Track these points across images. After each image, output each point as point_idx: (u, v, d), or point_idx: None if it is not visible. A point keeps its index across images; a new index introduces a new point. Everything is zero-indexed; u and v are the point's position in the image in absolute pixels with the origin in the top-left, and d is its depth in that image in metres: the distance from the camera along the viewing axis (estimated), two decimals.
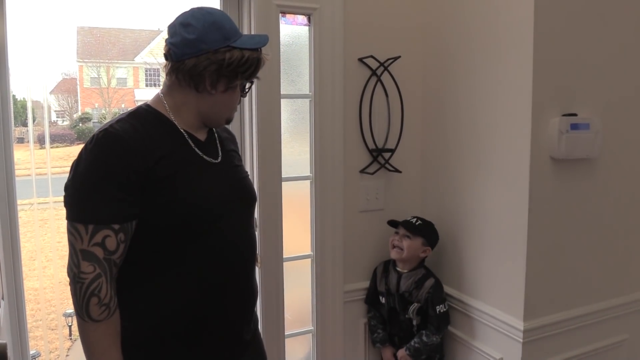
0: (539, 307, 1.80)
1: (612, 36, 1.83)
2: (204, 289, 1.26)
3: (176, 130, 1.26)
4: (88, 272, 1.10)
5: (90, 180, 1.12)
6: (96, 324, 1.12)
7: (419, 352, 2.00)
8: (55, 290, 6.58)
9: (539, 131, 1.72)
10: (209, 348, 1.29)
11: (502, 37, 1.80)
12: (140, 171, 1.13)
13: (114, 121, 1.19)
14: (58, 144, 20.40)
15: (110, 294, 1.13)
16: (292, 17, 1.97)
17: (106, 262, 1.12)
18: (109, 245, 1.12)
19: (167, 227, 1.20)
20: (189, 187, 1.21)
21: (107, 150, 1.13)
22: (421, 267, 2.07)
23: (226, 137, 1.44)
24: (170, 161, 1.19)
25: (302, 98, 2.04)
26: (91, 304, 1.11)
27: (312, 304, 2.12)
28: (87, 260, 1.10)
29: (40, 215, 9.37)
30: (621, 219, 1.97)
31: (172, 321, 1.24)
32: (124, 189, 1.12)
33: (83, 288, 1.10)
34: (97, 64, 23.44)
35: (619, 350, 2.02)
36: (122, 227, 1.13)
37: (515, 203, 1.77)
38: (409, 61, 2.15)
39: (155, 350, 1.24)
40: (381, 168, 2.14)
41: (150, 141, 1.18)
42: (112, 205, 1.11)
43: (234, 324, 1.34)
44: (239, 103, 1.37)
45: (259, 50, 1.28)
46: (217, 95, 1.26)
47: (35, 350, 4.38)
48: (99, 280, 1.11)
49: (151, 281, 1.22)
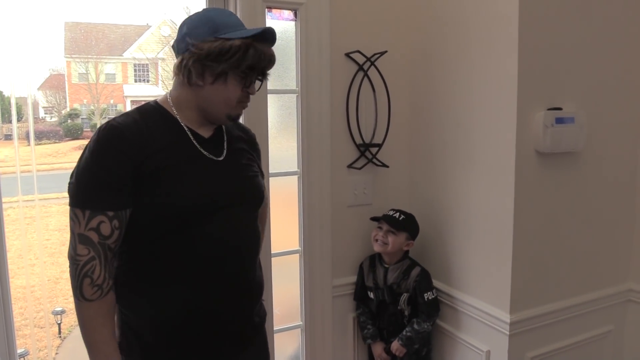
0: (525, 300, 1.82)
1: (597, 31, 1.85)
2: (192, 286, 1.27)
3: (177, 126, 1.30)
4: (83, 255, 1.18)
5: (88, 169, 1.19)
6: (89, 303, 1.20)
7: (411, 340, 2.02)
8: (43, 288, 6.54)
9: (525, 125, 1.73)
10: (202, 344, 1.31)
11: (487, 32, 1.81)
12: (133, 162, 1.19)
13: (120, 115, 1.26)
14: (46, 140, 20.24)
15: (103, 276, 1.20)
16: (278, 12, 1.97)
17: (100, 246, 1.19)
18: (103, 230, 1.19)
19: (154, 219, 1.24)
20: (176, 181, 1.24)
21: (105, 142, 1.20)
22: (406, 259, 2.09)
23: (238, 136, 1.45)
24: (163, 155, 1.23)
25: (289, 93, 2.03)
26: (84, 284, 1.18)
27: (300, 299, 2.12)
28: (83, 244, 1.18)
29: (28, 212, 9.30)
30: (605, 212, 1.99)
31: (165, 317, 1.27)
32: (117, 179, 1.19)
33: (78, 269, 1.18)
34: (85, 59, 23.21)
35: (604, 341, 2.05)
36: (115, 214, 1.20)
37: (501, 196, 1.79)
38: (396, 56, 2.16)
39: (153, 344, 1.29)
40: (368, 163, 2.15)
41: (148, 134, 1.23)
42: (106, 193, 1.18)
43: (230, 322, 1.35)
44: (244, 100, 1.32)
45: (250, 39, 1.25)
46: (206, 88, 1.27)
47: (24, 349, 4.35)
48: (92, 262, 1.19)
49: (147, 275, 1.27)
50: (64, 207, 11.09)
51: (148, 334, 1.28)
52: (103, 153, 1.19)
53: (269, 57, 1.30)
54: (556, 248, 1.88)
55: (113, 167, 1.18)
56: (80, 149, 6.61)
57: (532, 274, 1.82)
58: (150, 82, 23.36)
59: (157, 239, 1.25)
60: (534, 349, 1.86)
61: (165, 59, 22.06)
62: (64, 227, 9.66)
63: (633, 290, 2.07)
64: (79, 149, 19.15)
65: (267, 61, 1.30)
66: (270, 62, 1.32)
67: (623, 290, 2.07)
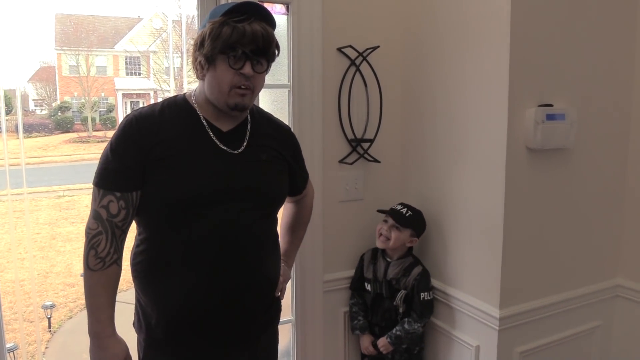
0: (514, 295, 1.83)
1: (588, 29, 1.85)
2: (194, 279, 1.31)
3: (196, 118, 1.34)
4: (93, 228, 1.28)
5: (106, 152, 1.30)
6: (91, 272, 1.28)
7: (399, 339, 2.02)
8: (33, 283, 6.50)
9: (515, 121, 1.73)
10: (201, 336, 1.35)
11: (479, 28, 1.81)
12: (143, 148, 1.27)
13: (147, 105, 1.36)
14: (36, 133, 20.08)
15: (107, 250, 1.28)
16: (270, 5, 1.95)
17: (108, 223, 1.28)
18: (111, 209, 1.28)
19: (161, 205, 1.29)
20: (180, 170, 1.28)
21: (122, 128, 1.30)
22: (409, 256, 2.08)
23: (266, 133, 1.44)
24: (171, 144, 1.29)
25: (281, 88, 2.03)
26: (90, 255, 1.28)
27: (292, 294, 2.12)
28: (94, 219, 1.28)
29: (18, 206, 9.23)
30: (595, 208, 2.00)
31: (171, 309, 1.33)
32: (125, 162, 1.28)
33: (87, 240, 1.29)
34: (76, 51, 23.02)
35: (592, 336, 2.07)
36: (122, 195, 1.28)
37: (492, 192, 1.79)
38: (388, 51, 2.15)
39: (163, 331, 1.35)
40: (360, 158, 2.14)
41: (161, 124, 1.30)
42: (114, 175, 1.28)
43: (229, 317, 1.37)
44: (238, 84, 1.27)
45: (224, 17, 1.24)
46: (207, 77, 1.30)
47: (13, 343, 4.32)
48: (99, 236, 1.28)
49: (157, 261, 1.34)
50: (53, 201, 11.03)
51: (160, 320, 1.35)
52: (117, 139, 1.29)
53: (250, 32, 1.23)
54: (545, 244, 1.89)
55: (122, 152, 1.28)
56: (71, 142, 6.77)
57: (521, 269, 1.83)
58: (141, 75, 23.21)
59: (162, 226, 1.32)
60: (523, 344, 1.88)
61: (157, 52, 21.93)
62: (53, 221, 9.61)
63: (621, 286, 2.09)
64: (69, 142, 19.08)
65: (251, 37, 1.23)
66: (255, 38, 1.24)
67: (611, 286, 2.09)
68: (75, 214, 10.13)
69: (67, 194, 11.68)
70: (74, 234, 8.83)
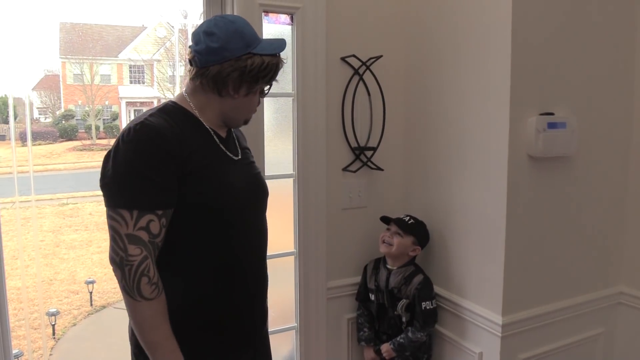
0: (517, 302, 1.84)
1: (589, 37, 1.87)
2: (223, 280, 1.33)
3: (202, 127, 1.34)
4: (136, 255, 1.17)
5: (133, 168, 1.18)
6: (149, 302, 1.19)
7: (402, 347, 2.03)
8: (38, 289, 6.52)
9: (517, 130, 1.75)
10: (232, 336, 1.37)
11: (481, 38, 1.83)
12: (177, 160, 1.21)
13: (147, 115, 1.25)
14: (40, 141, 20.17)
15: (156, 274, 1.21)
16: (275, 16, 1.98)
17: (151, 244, 1.20)
18: (153, 229, 1.19)
19: (195, 217, 1.26)
20: (219, 179, 1.30)
21: (147, 140, 1.19)
22: (411, 265, 2.09)
23: (241, 136, 1.54)
24: (201, 154, 1.27)
25: (285, 97, 2.05)
26: (142, 283, 1.18)
27: (295, 301, 2.13)
28: (134, 244, 1.17)
29: (23, 213, 9.27)
30: (597, 215, 2.01)
31: (194, 309, 1.30)
32: (164, 177, 1.19)
33: (133, 269, 1.17)
34: (80, 60, 23.18)
35: (595, 343, 2.07)
36: (164, 213, 1.21)
37: (494, 200, 1.81)
38: (391, 61, 2.18)
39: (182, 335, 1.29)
40: (363, 166, 2.16)
41: (182, 134, 1.25)
42: (154, 191, 1.19)
43: (251, 317, 1.42)
44: (259, 104, 1.43)
45: (278, 55, 1.36)
46: (239, 99, 1.34)
47: (18, 349, 4.34)
48: (146, 261, 1.18)
49: (179, 268, 1.29)
50: (57, 209, 11.06)
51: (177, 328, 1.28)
52: (145, 150, 1.18)
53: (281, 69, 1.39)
54: (547, 251, 1.90)
55: (160, 166, 1.19)
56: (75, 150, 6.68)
57: (524, 276, 1.84)
58: (145, 84, 23.34)
59: (194, 235, 1.28)
60: (525, 351, 1.88)
61: (160, 61, 22.05)
62: (57, 228, 9.64)
63: (624, 293, 2.09)
64: (73, 150, 19.15)
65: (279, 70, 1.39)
66: None
67: (614, 293, 2.09)
68: (79, 221, 10.17)
69: (70, 202, 11.73)
70: (77, 241, 8.86)
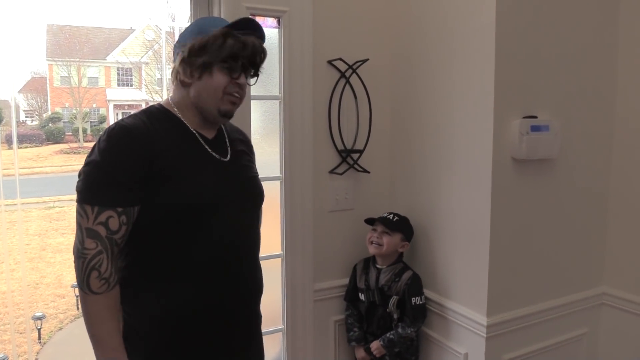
0: (501, 303, 1.86)
1: (571, 42, 1.91)
2: (197, 284, 1.31)
3: (184, 127, 1.34)
4: (91, 248, 1.21)
5: (99, 166, 1.22)
6: (96, 296, 1.22)
7: (392, 343, 2.04)
8: (23, 293, 6.45)
9: (501, 133, 1.77)
10: (206, 341, 1.34)
11: (465, 42, 1.85)
12: (143, 160, 1.23)
13: (128, 116, 1.30)
14: (27, 144, 19.96)
15: (110, 270, 1.23)
16: (261, 19, 1.99)
17: (108, 240, 1.22)
18: (111, 225, 1.22)
19: (162, 217, 1.27)
20: (185, 180, 1.28)
21: (117, 140, 1.23)
22: (400, 262, 2.11)
23: (238, 139, 1.51)
24: (171, 154, 1.27)
25: (272, 99, 2.06)
26: (92, 277, 1.21)
27: (282, 303, 2.14)
28: (91, 238, 1.21)
29: (8, 217, 9.17)
30: (580, 217, 2.04)
31: (169, 314, 1.29)
32: (128, 175, 1.22)
33: (85, 262, 1.21)
34: (68, 62, 22.98)
35: (579, 343, 2.10)
36: (124, 211, 1.23)
37: (479, 202, 1.83)
38: (377, 64, 2.20)
39: (157, 343, 1.30)
40: (350, 168, 2.18)
41: (156, 134, 1.27)
42: (116, 189, 1.21)
43: (232, 320, 1.38)
44: (232, 92, 1.33)
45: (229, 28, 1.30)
46: (195, 84, 1.32)
47: (3, 354, 4.30)
48: (100, 256, 1.21)
49: (153, 273, 1.30)
50: (44, 212, 10.96)
51: (153, 332, 1.29)
52: (114, 151, 1.22)
53: (251, 46, 1.32)
54: (532, 252, 1.92)
55: (124, 165, 1.22)
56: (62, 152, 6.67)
57: (508, 277, 1.86)
58: (133, 86, 23.19)
59: (164, 237, 1.28)
60: (510, 351, 1.90)
61: (149, 63, 21.94)
62: (43, 232, 9.55)
63: (607, 294, 2.12)
64: (60, 153, 18.98)
65: (251, 50, 1.32)
66: (255, 52, 1.33)
67: (597, 294, 2.12)
68: (66, 225, 10.08)
69: (57, 205, 11.62)
70: (64, 245, 8.78)
